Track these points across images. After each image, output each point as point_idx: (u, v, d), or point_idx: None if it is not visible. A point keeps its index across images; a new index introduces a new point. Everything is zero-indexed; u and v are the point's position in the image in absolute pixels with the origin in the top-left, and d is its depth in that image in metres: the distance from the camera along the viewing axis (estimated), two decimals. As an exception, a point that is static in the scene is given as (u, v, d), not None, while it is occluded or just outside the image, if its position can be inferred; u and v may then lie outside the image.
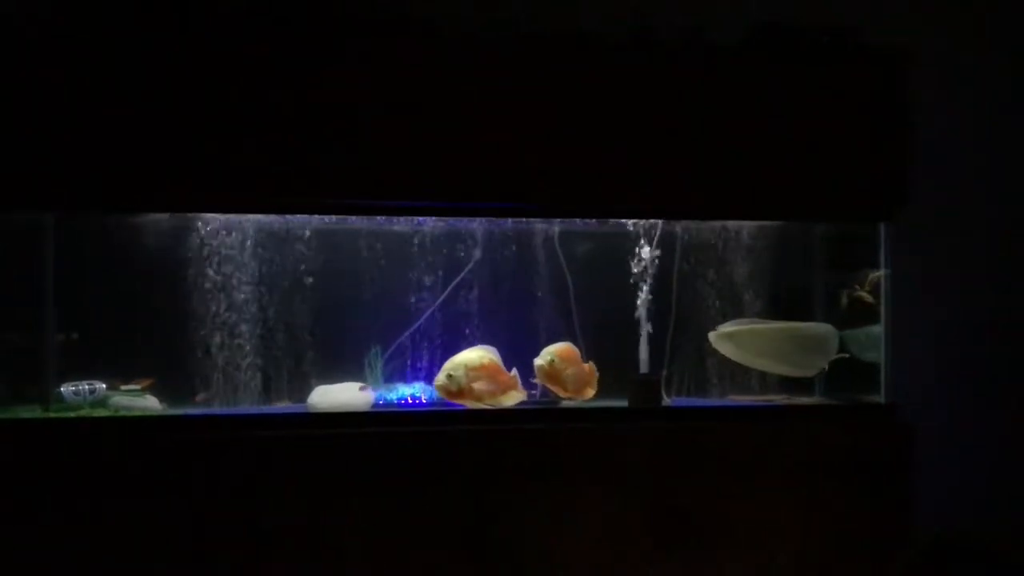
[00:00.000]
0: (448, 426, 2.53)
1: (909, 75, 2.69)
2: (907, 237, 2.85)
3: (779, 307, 2.96)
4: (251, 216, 2.77)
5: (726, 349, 2.81)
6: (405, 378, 2.88)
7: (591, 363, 2.79)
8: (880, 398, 2.77)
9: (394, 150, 2.49)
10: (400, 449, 2.45)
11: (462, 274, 2.92)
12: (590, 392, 2.77)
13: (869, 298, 2.86)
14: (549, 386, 2.73)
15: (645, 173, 2.60)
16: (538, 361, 2.71)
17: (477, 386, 2.64)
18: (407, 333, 2.88)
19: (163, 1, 2.42)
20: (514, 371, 2.74)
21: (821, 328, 2.88)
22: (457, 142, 2.51)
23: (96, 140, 2.38)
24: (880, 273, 2.81)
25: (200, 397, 2.76)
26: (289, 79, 2.46)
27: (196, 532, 2.34)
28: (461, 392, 2.63)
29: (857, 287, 2.89)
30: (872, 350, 2.80)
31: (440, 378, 2.64)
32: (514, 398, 2.71)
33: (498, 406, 2.67)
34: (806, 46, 2.67)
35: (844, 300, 2.92)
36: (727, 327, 2.82)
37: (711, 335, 2.81)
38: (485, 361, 2.68)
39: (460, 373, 2.63)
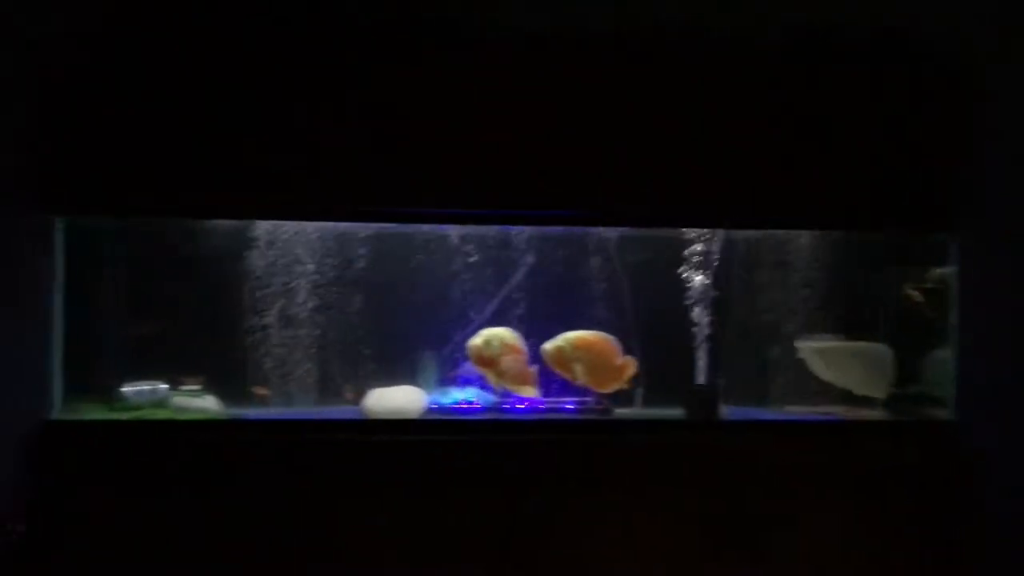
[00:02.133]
0: (498, 435, 2.52)
1: (978, 78, 2.59)
2: (977, 248, 2.71)
3: (841, 319, 2.87)
4: (309, 223, 2.80)
5: (814, 364, 2.78)
6: (458, 382, 2.88)
7: (628, 358, 2.73)
8: (948, 414, 2.67)
9: (438, 158, 2.49)
10: (452, 455, 2.45)
11: (515, 279, 2.89)
12: (614, 387, 2.73)
13: (918, 296, 2.77)
14: (559, 372, 2.71)
15: (705, 181, 2.55)
16: (545, 345, 2.69)
17: (506, 362, 2.66)
18: (460, 337, 2.87)
19: (197, 10, 2.44)
20: (534, 367, 2.73)
21: (878, 349, 2.81)
22: (503, 150, 2.49)
23: (149, 149, 2.43)
24: (943, 271, 2.72)
25: (259, 392, 2.80)
26: (340, 86, 2.47)
27: (241, 533, 2.38)
28: (491, 361, 2.66)
29: (913, 287, 2.79)
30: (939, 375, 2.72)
31: (477, 341, 2.67)
32: (529, 393, 2.73)
33: (514, 392, 2.71)
34: (874, 50, 2.57)
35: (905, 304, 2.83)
36: (816, 342, 2.79)
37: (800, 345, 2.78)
38: (518, 344, 2.71)
39: (496, 344, 2.66)
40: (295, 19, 2.45)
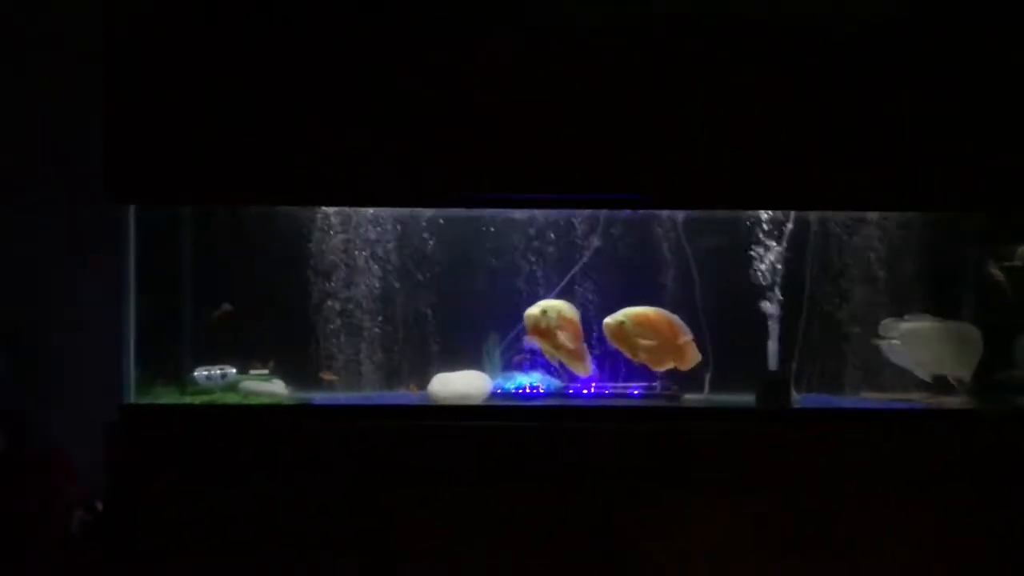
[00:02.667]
0: (561, 423, 2.48)
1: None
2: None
3: (926, 300, 2.75)
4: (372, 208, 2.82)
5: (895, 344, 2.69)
6: (523, 367, 2.86)
7: (688, 338, 2.67)
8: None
9: (510, 144, 2.45)
10: (516, 442, 2.43)
11: (580, 262, 2.85)
12: (671, 365, 2.68)
13: (1000, 275, 2.64)
14: (618, 347, 2.68)
15: (786, 162, 2.46)
16: (607, 320, 2.65)
17: (562, 335, 2.65)
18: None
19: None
20: (585, 345, 2.73)
21: (965, 328, 2.68)
22: (570, 134, 2.45)
23: (218, 136, 2.44)
24: None
25: (326, 375, 2.83)
26: (399, 70, 2.46)
27: (307, 516, 2.39)
28: (547, 332, 2.64)
29: (998, 266, 2.67)
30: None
31: (534, 311, 2.65)
32: (579, 369, 2.73)
33: (568, 367, 2.72)
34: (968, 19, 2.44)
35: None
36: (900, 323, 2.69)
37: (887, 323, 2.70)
38: (575, 318, 2.70)
39: (553, 315, 2.65)
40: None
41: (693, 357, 2.68)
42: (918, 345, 2.68)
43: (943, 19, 2.45)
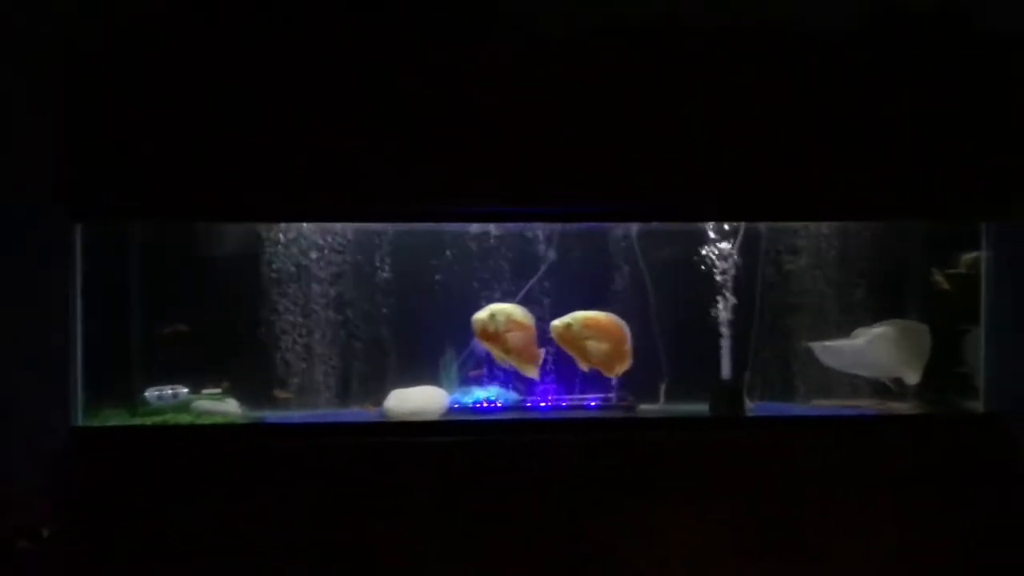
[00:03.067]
0: (521, 436, 2.48)
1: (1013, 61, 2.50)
2: (1013, 236, 2.63)
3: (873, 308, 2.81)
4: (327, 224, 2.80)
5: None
6: (480, 382, 2.85)
7: (628, 345, 2.69)
8: (979, 406, 2.61)
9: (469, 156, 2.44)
10: (473, 456, 2.41)
11: (536, 276, 2.86)
12: (618, 370, 2.71)
13: (944, 284, 2.71)
14: (567, 351, 2.69)
15: (732, 173, 2.48)
16: (555, 322, 2.67)
17: (512, 338, 2.66)
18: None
19: (218, 18, 2.41)
20: (543, 351, 2.73)
21: (914, 326, 2.72)
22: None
23: (168, 155, 2.39)
24: (974, 256, 2.66)
25: (280, 393, 2.80)
26: (357, 89, 2.43)
27: (263, 534, 2.35)
28: (495, 336, 2.65)
29: (938, 272, 2.74)
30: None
31: (482, 315, 2.65)
32: (530, 372, 2.73)
33: (517, 369, 2.71)
34: (915, 33, 2.50)
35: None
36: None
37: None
38: (527, 321, 2.70)
39: (502, 319, 2.65)
40: (319, 24, 2.42)
41: (627, 363, 2.71)
42: (890, 347, 2.71)
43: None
